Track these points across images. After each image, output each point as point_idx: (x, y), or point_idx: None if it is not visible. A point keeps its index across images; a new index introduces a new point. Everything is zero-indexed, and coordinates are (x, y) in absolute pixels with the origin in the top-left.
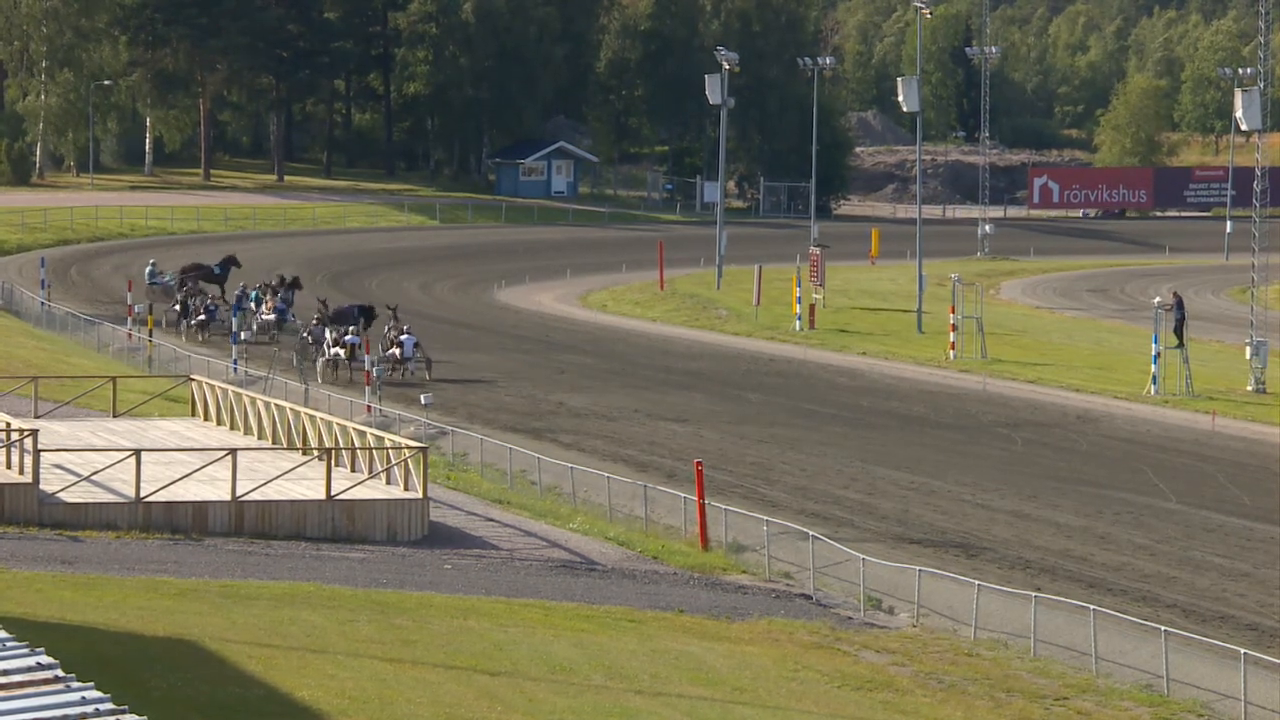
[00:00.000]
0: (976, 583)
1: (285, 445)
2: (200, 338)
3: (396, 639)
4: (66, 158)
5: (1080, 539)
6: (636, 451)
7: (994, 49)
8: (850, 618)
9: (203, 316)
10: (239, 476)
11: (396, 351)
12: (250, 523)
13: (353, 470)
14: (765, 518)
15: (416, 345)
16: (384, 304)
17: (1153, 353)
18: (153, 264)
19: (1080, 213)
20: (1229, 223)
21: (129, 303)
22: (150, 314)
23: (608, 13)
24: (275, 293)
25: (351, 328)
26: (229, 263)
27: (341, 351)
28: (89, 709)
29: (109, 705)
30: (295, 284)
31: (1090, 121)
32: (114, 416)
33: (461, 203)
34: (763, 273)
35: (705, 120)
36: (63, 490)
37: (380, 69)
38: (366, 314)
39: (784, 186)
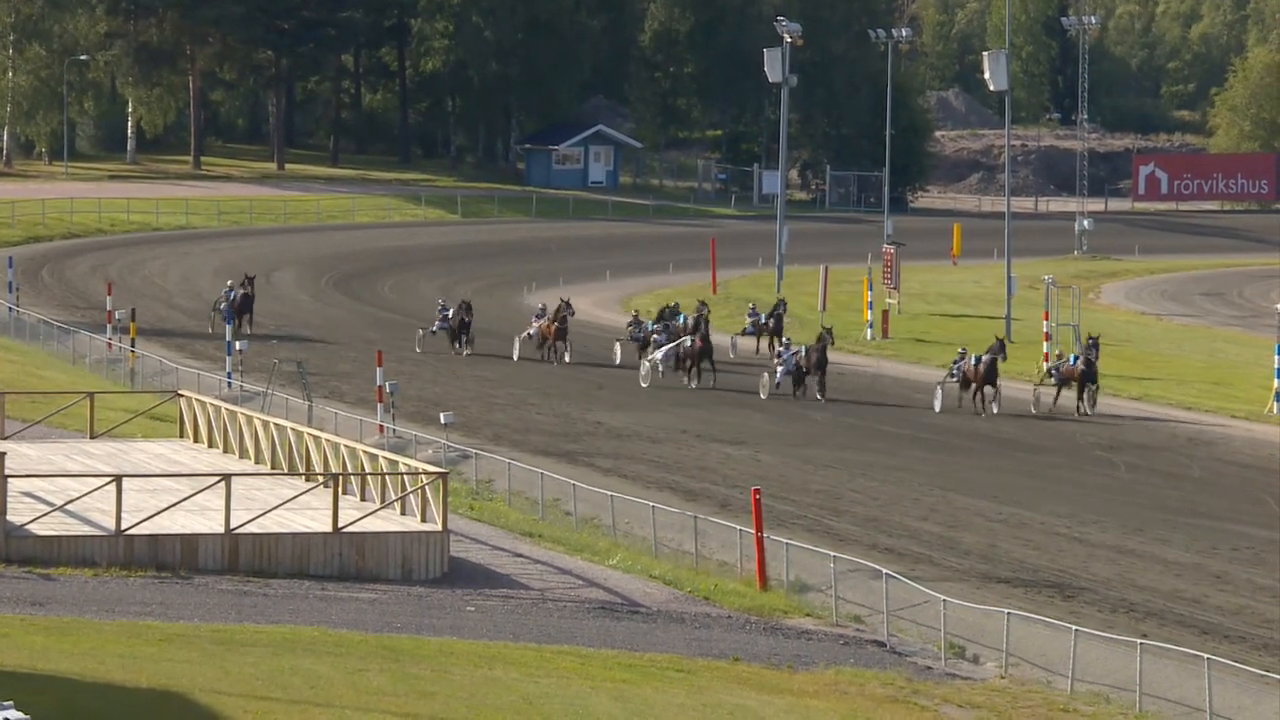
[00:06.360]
0: (1073, 628)
1: (286, 470)
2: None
3: (412, 691)
4: (37, 144)
5: (1192, 578)
6: (685, 478)
7: (1093, 19)
8: (929, 668)
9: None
10: (233, 506)
11: None
12: (246, 558)
13: (363, 499)
14: (832, 553)
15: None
16: None
17: (1276, 366)
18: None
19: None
20: None
21: (109, 308)
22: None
23: None
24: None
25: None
26: (782, 304)
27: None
28: None
29: None
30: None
31: (1204, 102)
32: (91, 437)
33: (486, 194)
34: (829, 274)
35: (764, 101)
36: (33, 521)
37: (394, 42)
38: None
39: (853, 176)
